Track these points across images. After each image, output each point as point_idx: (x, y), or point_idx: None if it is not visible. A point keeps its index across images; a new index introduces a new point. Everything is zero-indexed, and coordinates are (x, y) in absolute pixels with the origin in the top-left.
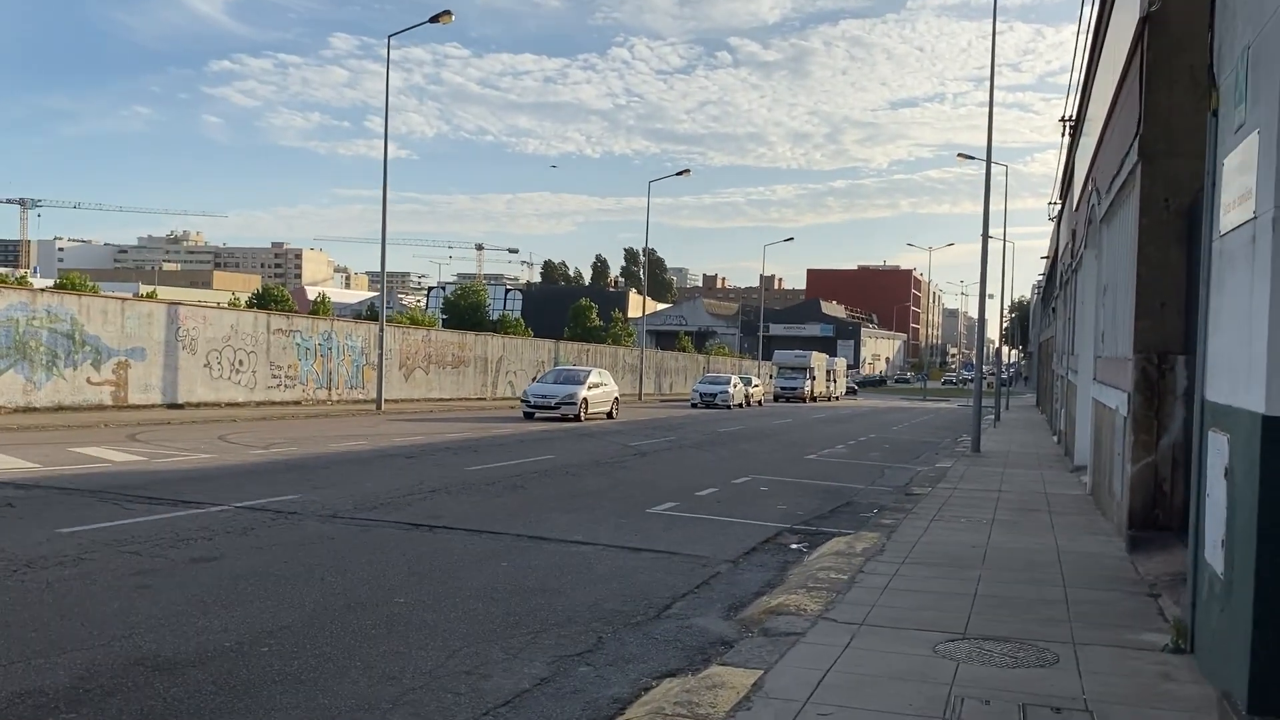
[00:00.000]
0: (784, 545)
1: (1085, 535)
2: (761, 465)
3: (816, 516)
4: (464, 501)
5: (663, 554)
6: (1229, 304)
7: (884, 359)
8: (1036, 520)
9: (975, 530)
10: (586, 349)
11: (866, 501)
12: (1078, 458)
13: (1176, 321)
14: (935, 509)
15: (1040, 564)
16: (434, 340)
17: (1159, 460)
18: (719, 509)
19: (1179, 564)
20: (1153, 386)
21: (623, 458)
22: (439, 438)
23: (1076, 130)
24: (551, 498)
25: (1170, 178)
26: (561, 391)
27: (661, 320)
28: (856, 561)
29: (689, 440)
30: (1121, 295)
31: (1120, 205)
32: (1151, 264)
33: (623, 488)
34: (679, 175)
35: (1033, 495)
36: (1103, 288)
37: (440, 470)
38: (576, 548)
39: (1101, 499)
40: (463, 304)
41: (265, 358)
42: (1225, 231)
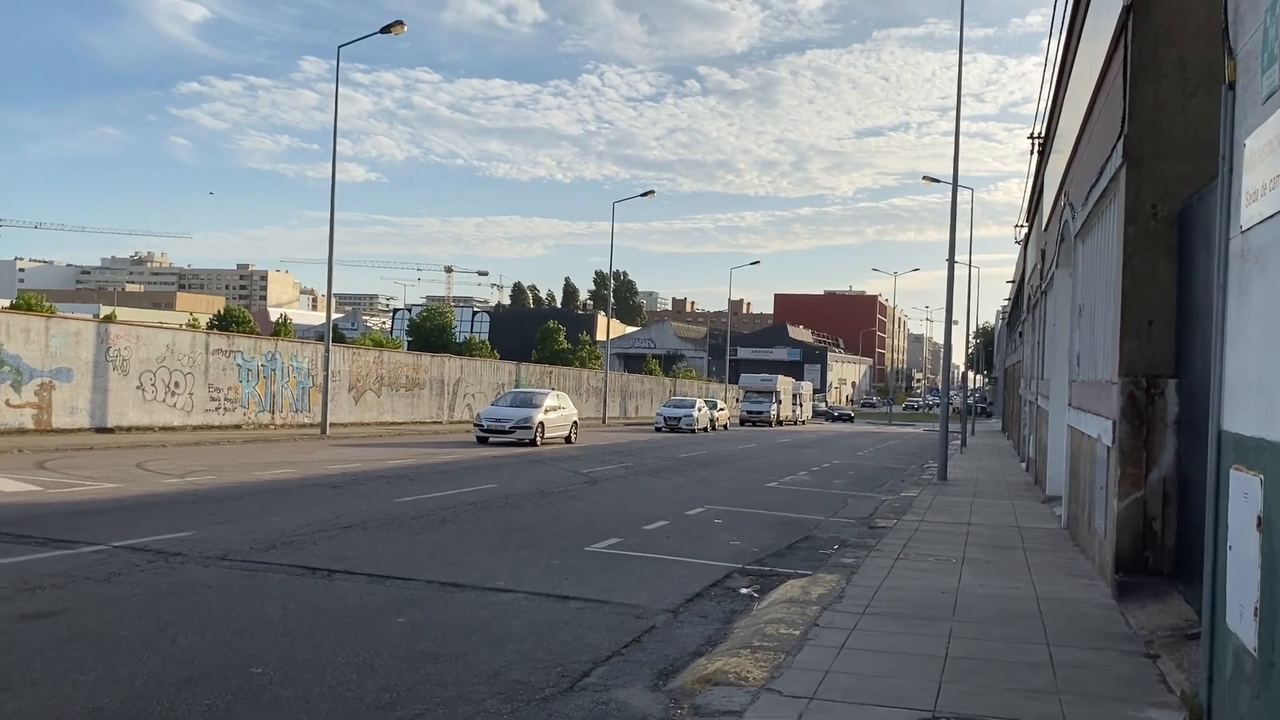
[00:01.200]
0: (733, 590)
1: (1065, 578)
2: (719, 494)
3: (772, 554)
4: (379, 539)
5: (593, 603)
6: (1257, 313)
7: (850, 383)
8: (1010, 559)
9: (944, 572)
10: (549, 371)
11: (827, 536)
12: (1050, 487)
13: (1166, 341)
14: (900, 545)
15: (1018, 614)
16: (386, 361)
17: (1148, 496)
18: (666, 545)
19: (1176, 616)
20: (1141, 414)
21: (571, 486)
22: (377, 465)
23: (1046, 147)
24: (481, 534)
25: (1158, 182)
26: (516, 415)
27: (630, 343)
28: (811, 612)
29: (646, 466)
30: (1101, 314)
31: (1099, 217)
32: (1138, 277)
33: (564, 521)
34: (643, 196)
35: (1005, 529)
36: (1078, 308)
37: (364, 502)
38: (494, 597)
39: (1080, 534)
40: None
41: (204, 379)
42: (1249, 226)
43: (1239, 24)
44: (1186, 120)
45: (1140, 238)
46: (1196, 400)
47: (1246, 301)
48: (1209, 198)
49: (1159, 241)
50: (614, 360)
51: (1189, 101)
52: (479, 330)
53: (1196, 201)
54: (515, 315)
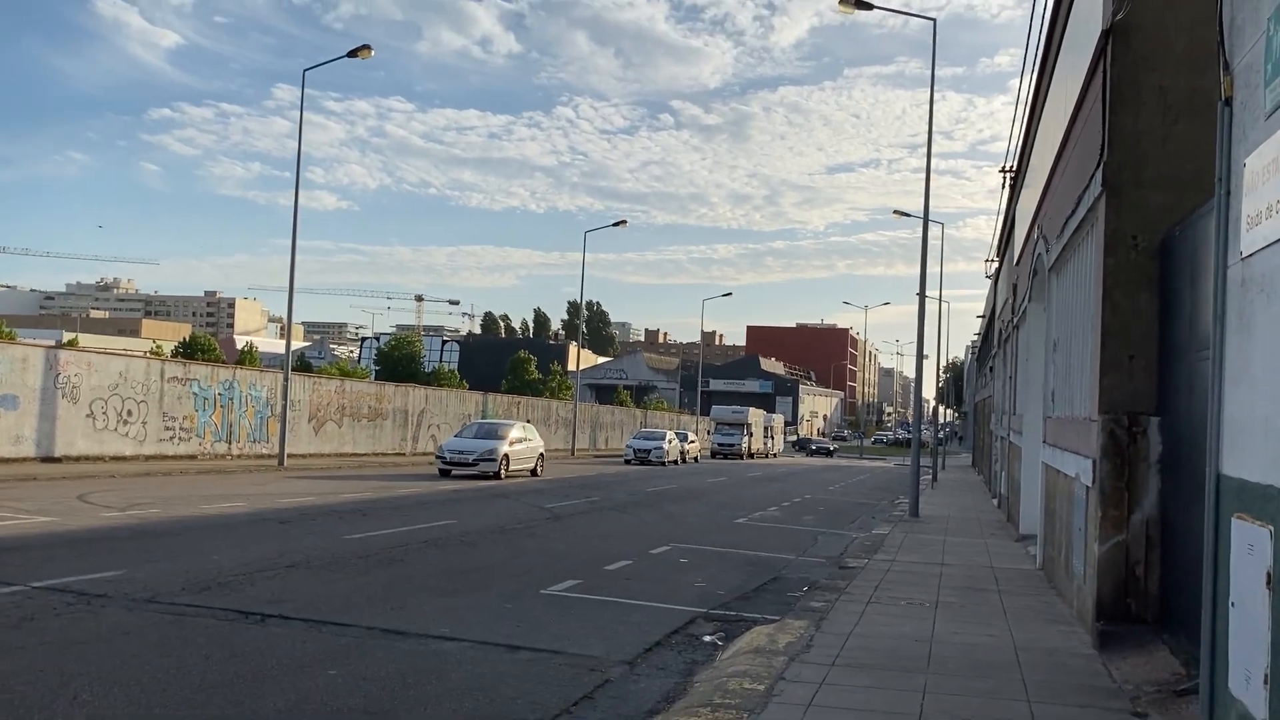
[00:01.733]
0: (695, 637)
1: (1043, 624)
2: (686, 531)
3: (738, 597)
4: (321, 580)
5: (544, 653)
6: (1263, 348)
7: (822, 416)
8: (985, 602)
9: (917, 617)
10: (517, 402)
11: (796, 577)
12: (1023, 525)
13: (1148, 377)
14: (872, 587)
15: (995, 665)
16: (348, 391)
17: (1130, 540)
18: (627, 588)
19: (1162, 670)
20: (1122, 453)
21: (533, 523)
22: (332, 498)
23: (1017, 182)
24: (431, 575)
25: (1139, 212)
26: (480, 447)
27: (602, 374)
28: (778, 663)
29: (613, 501)
30: (1078, 349)
31: (1075, 249)
32: (1118, 311)
33: (522, 561)
34: (615, 226)
35: (978, 570)
36: (1053, 342)
37: (312, 539)
38: (438, 645)
39: (1056, 577)
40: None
41: (158, 407)
42: (1251, 252)
43: (1236, 36)
44: (1168, 149)
45: (1120, 269)
46: (1180, 439)
47: (1249, 335)
48: (1194, 227)
49: (1140, 273)
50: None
51: (1171, 129)
52: (449, 360)
53: (1179, 232)
54: (486, 345)
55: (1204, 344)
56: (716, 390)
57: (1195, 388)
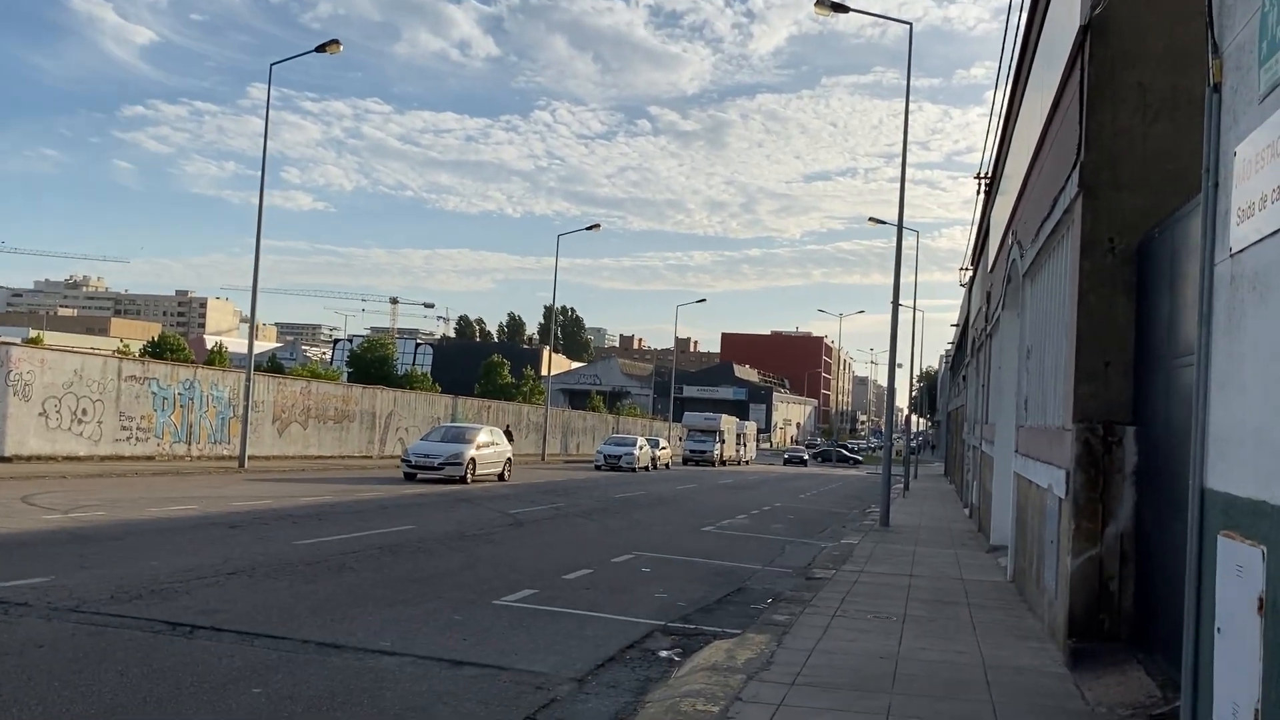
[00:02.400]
0: (651, 653)
1: (1013, 640)
2: (651, 539)
3: (700, 609)
4: (263, 589)
5: (489, 669)
6: (1255, 351)
7: (795, 424)
8: (955, 617)
9: (884, 632)
10: (488, 405)
11: (762, 588)
12: (995, 536)
13: (1124, 385)
14: (838, 599)
15: (964, 686)
16: (314, 392)
17: (1104, 554)
18: (584, 599)
19: (1137, 691)
20: (1097, 463)
21: (494, 529)
22: (289, 502)
23: (992, 189)
24: (380, 583)
25: (1116, 214)
26: (446, 451)
27: (576, 379)
28: (735, 682)
29: (579, 507)
30: (1052, 356)
31: (1050, 253)
32: (1094, 316)
33: (478, 569)
34: (589, 230)
35: (948, 582)
36: (1026, 350)
37: (260, 545)
38: (376, 661)
39: (1027, 590)
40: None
41: (114, 407)
42: (1242, 247)
43: (1225, 16)
44: (1147, 148)
45: (1096, 273)
46: (1158, 450)
47: (1239, 337)
48: (1174, 229)
49: (1116, 277)
50: (559, 396)
51: (1150, 128)
52: (421, 363)
53: (1159, 234)
54: (459, 349)
55: (1184, 350)
56: (690, 397)
57: (1174, 396)
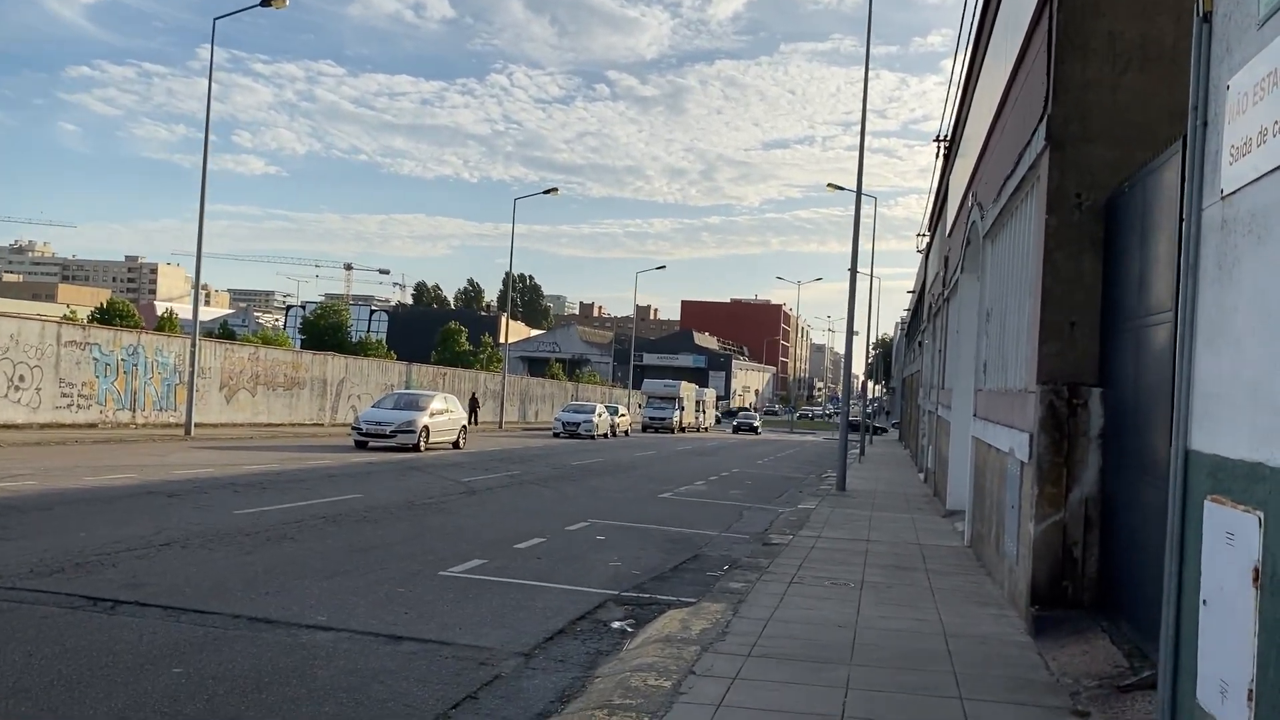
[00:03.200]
0: (603, 624)
1: (974, 607)
2: (607, 506)
3: (655, 577)
4: (197, 561)
5: (430, 644)
6: (1252, 299)
7: (754, 391)
8: (913, 583)
9: (841, 599)
10: (444, 373)
11: (718, 554)
12: (951, 501)
13: (1090, 345)
14: (796, 565)
15: (925, 656)
16: (263, 359)
17: (1069, 519)
18: (536, 568)
19: (1103, 661)
20: (1062, 426)
21: (445, 497)
22: (233, 470)
23: (952, 151)
24: (322, 554)
25: (1084, 168)
26: (398, 418)
27: (535, 347)
28: (689, 654)
29: (535, 475)
30: (1014, 318)
31: (1014, 212)
32: (1060, 275)
33: (426, 539)
34: (546, 194)
35: (906, 547)
36: (986, 312)
37: (198, 514)
38: (310, 636)
39: (986, 555)
40: (322, 324)
41: (54, 373)
42: (1236, 188)
43: None
44: (1117, 100)
45: (1063, 230)
46: (1124, 412)
47: (1232, 285)
48: (1146, 182)
49: (1084, 234)
50: (518, 364)
51: (1120, 79)
52: (377, 330)
53: (1129, 188)
54: (416, 316)
55: (1155, 308)
56: (650, 364)
57: (1143, 356)
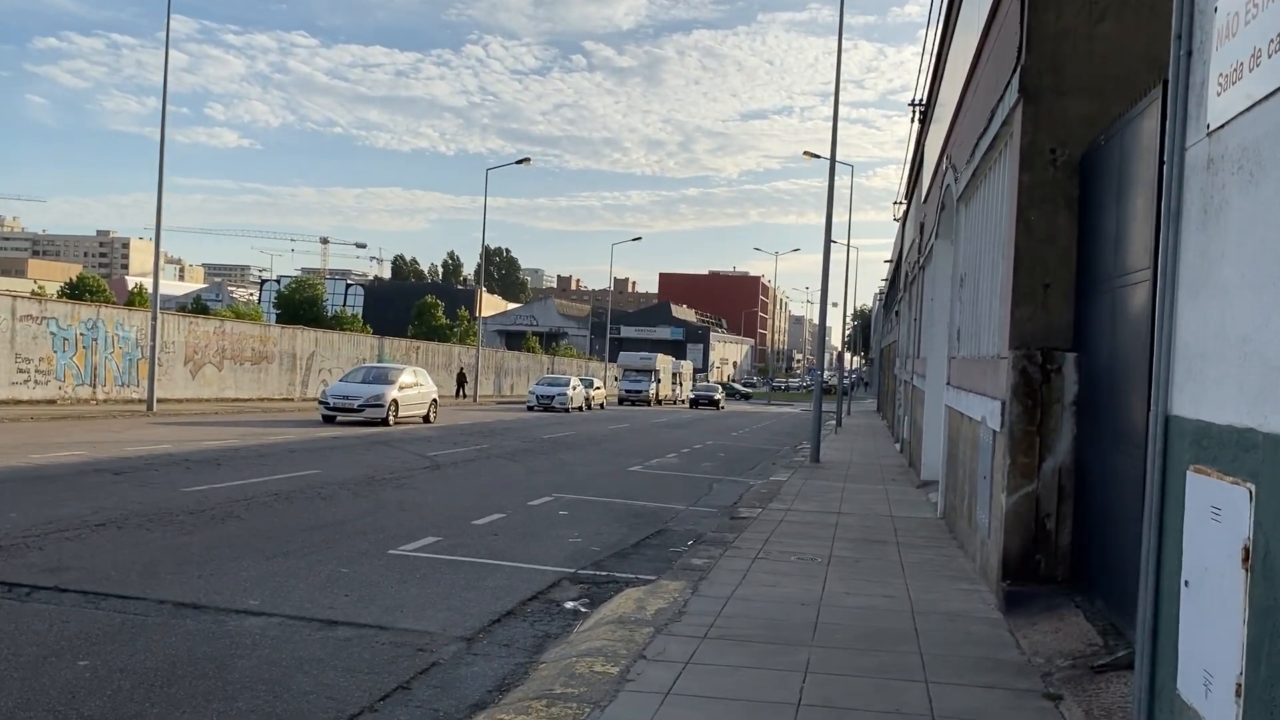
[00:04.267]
0: (556, 604)
1: (944, 582)
2: (574, 480)
3: (615, 554)
4: (130, 542)
5: (368, 629)
6: (1239, 245)
7: (732, 363)
8: (883, 557)
9: (807, 575)
10: (416, 346)
11: (683, 529)
12: (925, 472)
13: (1064, 308)
14: (762, 540)
15: (890, 635)
16: (229, 333)
17: (1041, 490)
18: (492, 545)
19: (1076, 639)
20: (1035, 393)
21: (408, 472)
22: (190, 446)
23: (927, 115)
24: (267, 534)
25: (1058, 122)
26: (366, 392)
27: (512, 320)
28: (641, 637)
29: (503, 449)
30: (987, 282)
31: (987, 173)
32: (1033, 234)
33: (380, 516)
34: (519, 164)
35: (877, 519)
36: (959, 278)
37: (142, 493)
38: (238, 622)
39: (958, 527)
40: (297, 299)
41: (9, 348)
42: (1224, 121)
43: None
44: (1093, 50)
45: (1037, 187)
46: (1099, 378)
47: (1219, 229)
48: (1123, 134)
49: (1058, 191)
50: (494, 337)
51: (1095, 28)
52: (353, 304)
53: (1105, 141)
54: (392, 290)
55: (1133, 267)
56: (628, 337)
57: (1120, 319)
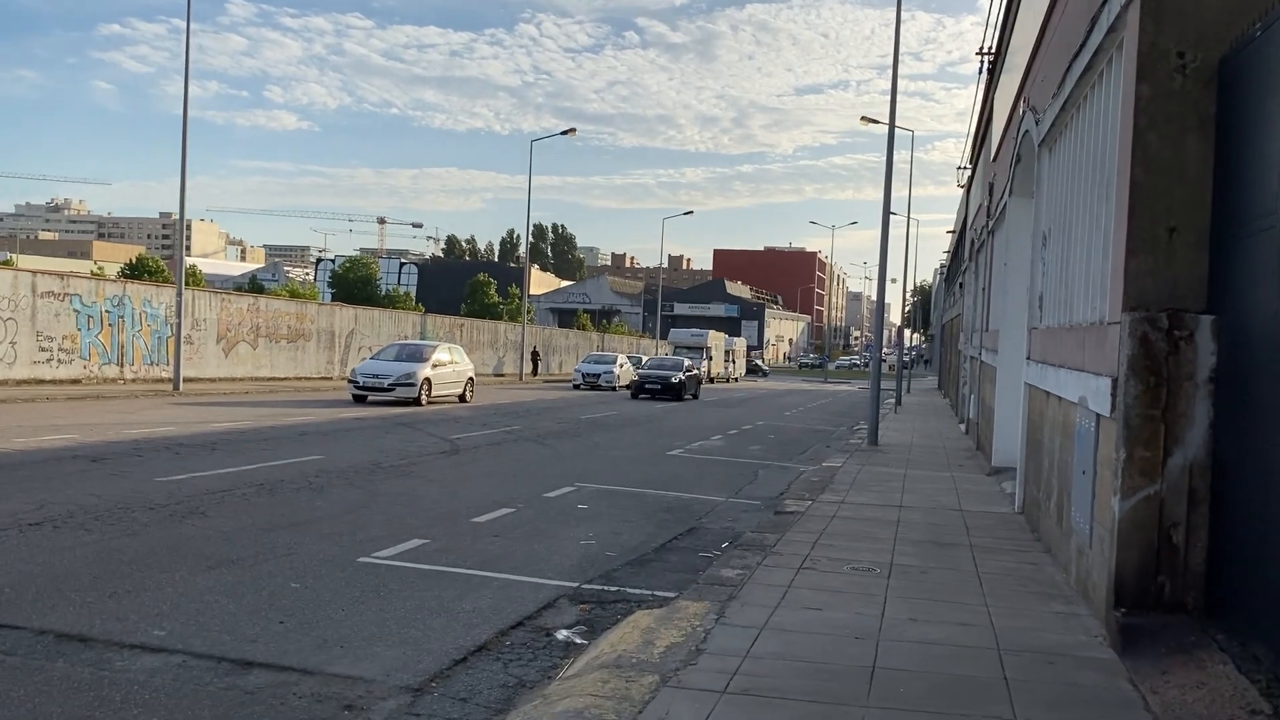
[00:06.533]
0: (545, 633)
1: (1034, 601)
2: (603, 467)
3: (633, 561)
4: (57, 547)
5: (288, 674)
6: None
7: (788, 340)
8: (955, 565)
9: (863, 593)
10: (460, 324)
11: (719, 527)
12: (997, 457)
13: (1196, 259)
14: (809, 543)
15: (973, 689)
16: (264, 310)
17: (1166, 492)
18: (486, 551)
19: (1228, 699)
20: (1158, 368)
21: (420, 458)
22: (196, 428)
23: (996, 65)
24: (224, 535)
25: (1188, 18)
26: (397, 370)
27: (564, 298)
28: (641, 689)
29: (535, 431)
30: (1081, 235)
31: (1079, 105)
32: (1154, 165)
33: (367, 511)
34: (564, 134)
35: (945, 515)
36: (1042, 236)
37: (108, 484)
38: (127, 661)
39: (1044, 526)
40: (351, 277)
41: (30, 326)
42: None
43: None
44: None
45: (1159, 103)
46: (1244, 348)
47: None
48: None
49: (1188, 107)
50: (547, 315)
51: None
52: (406, 283)
53: (1260, 33)
54: (445, 268)
55: None
56: (681, 314)
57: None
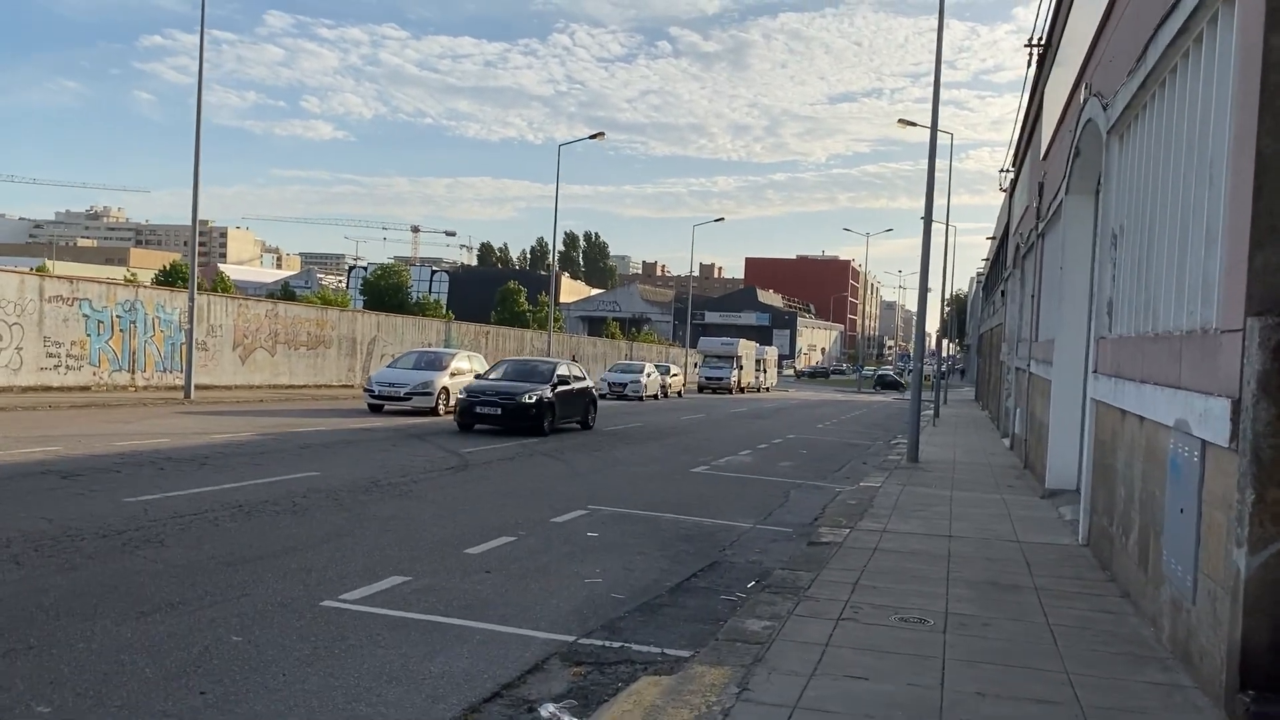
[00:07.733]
0: (526, 707)
1: (1123, 668)
2: (620, 485)
3: (643, 605)
4: None
5: None
6: None
7: (820, 349)
8: (1020, 615)
9: (916, 655)
10: (485, 331)
11: (744, 561)
12: (1053, 479)
13: None
14: (849, 584)
15: None
16: (282, 316)
17: None
18: (474, 592)
19: None
20: None
21: (423, 475)
22: (193, 440)
23: (1046, 57)
24: (174, 570)
25: None
26: (414, 379)
27: (594, 306)
28: None
29: (551, 444)
30: (1169, 231)
31: (1166, 78)
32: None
33: (346, 540)
34: (592, 139)
35: (1001, 547)
36: (1112, 235)
37: (67, 505)
38: None
39: (1119, 564)
40: (383, 285)
41: (37, 331)
42: None
43: None
44: None
45: None
46: None
47: None
48: None
49: None
50: (577, 323)
51: None
52: (438, 291)
53: None
54: (476, 276)
55: None
56: (712, 323)
57: None
